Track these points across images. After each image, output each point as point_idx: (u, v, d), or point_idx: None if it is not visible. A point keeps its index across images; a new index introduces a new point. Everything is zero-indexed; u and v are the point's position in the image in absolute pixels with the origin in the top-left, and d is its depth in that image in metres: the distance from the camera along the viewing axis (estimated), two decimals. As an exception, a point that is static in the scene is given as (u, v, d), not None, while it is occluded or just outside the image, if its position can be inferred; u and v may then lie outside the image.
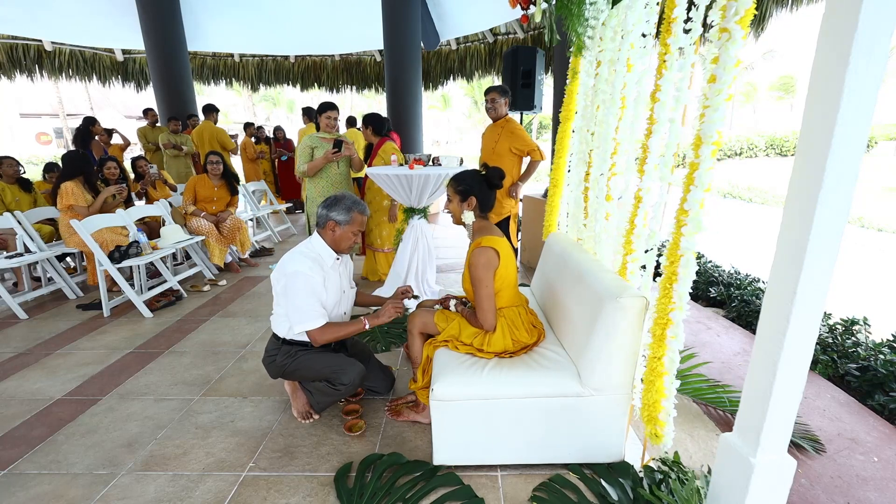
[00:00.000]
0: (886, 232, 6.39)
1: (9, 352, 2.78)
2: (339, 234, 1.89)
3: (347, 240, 1.91)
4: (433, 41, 7.88)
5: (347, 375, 1.89)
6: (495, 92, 3.37)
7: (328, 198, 1.92)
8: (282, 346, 1.95)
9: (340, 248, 1.93)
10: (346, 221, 1.87)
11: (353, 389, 1.92)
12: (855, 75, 0.89)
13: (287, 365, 1.93)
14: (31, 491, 1.65)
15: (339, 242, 1.90)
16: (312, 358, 1.93)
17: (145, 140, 6.14)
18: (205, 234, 4.06)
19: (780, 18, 4.73)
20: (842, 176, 0.95)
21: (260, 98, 24.34)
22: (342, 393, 1.92)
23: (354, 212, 1.89)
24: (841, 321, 2.67)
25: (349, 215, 1.87)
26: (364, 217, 1.94)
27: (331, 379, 1.91)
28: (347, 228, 1.88)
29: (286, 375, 1.99)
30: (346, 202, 1.89)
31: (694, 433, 1.89)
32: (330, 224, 1.88)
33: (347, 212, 1.87)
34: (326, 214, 1.88)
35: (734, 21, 1.12)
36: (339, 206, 1.87)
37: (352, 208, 1.88)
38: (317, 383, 1.96)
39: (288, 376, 2.00)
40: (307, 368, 1.93)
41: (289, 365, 1.93)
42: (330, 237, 1.90)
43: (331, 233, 1.89)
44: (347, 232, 1.89)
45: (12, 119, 22.33)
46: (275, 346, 1.97)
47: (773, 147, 16.96)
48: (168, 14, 6.23)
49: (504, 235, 1.82)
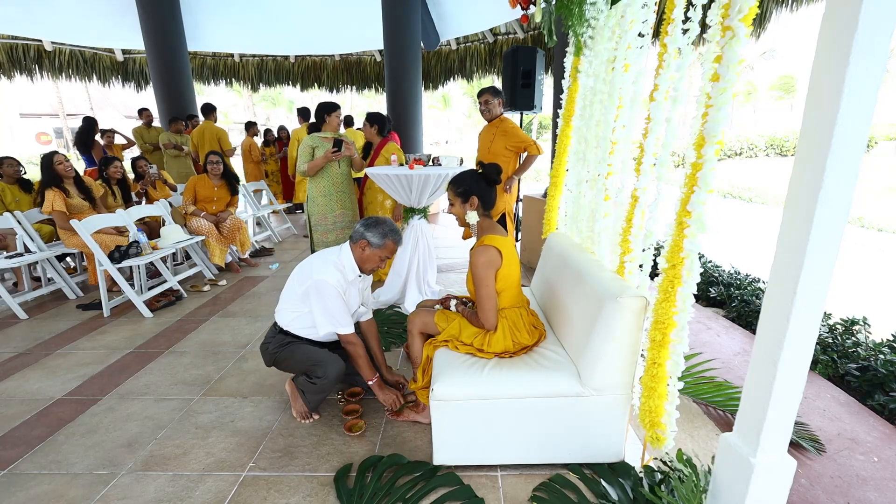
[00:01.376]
0: (886, 232, 6.39)
1: (9, 352, 2.78)
2: (367, 254, 1.93)
3: (373, 262, 1.96)
4: (433, 41, 7.88)
5: (324, 369, 1.93)
6: (488, 94, 3.39)
7: (370, 217, 1.97)
8: (277, 335, 2.02)
9: (364, 268, 1.99)
10: (379, 245, 1.92)
11: (330, 383, 1.95)
12: (855, 75, 0.89)
13: (278, 353, 2.00)
14: (31, 491, 1.65)
15: (364, 262, 1.96)
16: (297, 348, 1.98)
17: (142, 140, 6.15)
18: (205, 234, 4.06)
19: (780, 18, 4.73)
20: (842, 176, 0.95)
21: (260, 98, 24.33)
22: (319, 388, 1.95)
23: (389, 239, 1.93)
24: (841, 321, 2.66)
25: (383, 241, 1.92)
26: (397, 247, 1.99)
27: (308, 372, 1.96)
28: (377, 252, 1.93)
29: (276, 364, 2.05)
30: (385, 228, 1.93)
31: (694, 433, 1.89)
32: (362, 242, 1.92)
33: (383, 237, 1.92)
34: (363, 232, 1.92)
35: (737, 19, 1.12)
36: (377, 229, 1.92)
37: (387, 235, 1.93)
38: (299, 378, 2.02)
39: (278, 365, 2.06)
40: (291, 359, 1.99)
41: (279, 353, 2.00)
42: (359, 254, 1.95)
43: (360, 250, 1.94)
44: (376, 255, 1.94)
45: (12, 119, 22.32)
46: (272, 333, 2.05)
47: (773, 147, 16.95)
48: (168, 14, 6.23)
49: (507, 235, 1.82)
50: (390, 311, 3.21)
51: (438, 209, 7.40)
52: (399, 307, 3.27)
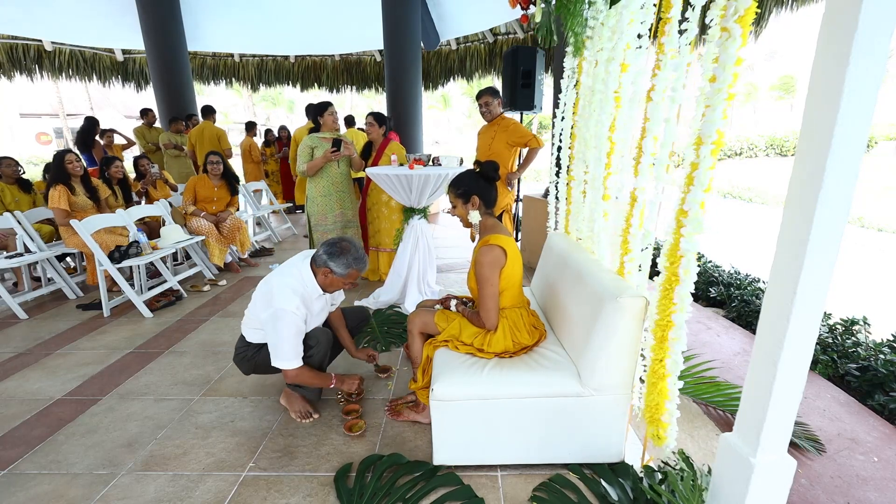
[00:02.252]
0: (886, 232, 6.39)
1: (9, 352, 2.78)
2: (330, 280, 1.91)
3: (336, 286, 1.95)
4: (433, 41, 7.87)
5: (315, 339, 1.95)
6: (487, 95, 3.40)
7: (334, 245, 1.89)
8: (249, 344, 2.02)
9: (328, 290, 1.97)
10: (342, 275, 1.89)
11: (323, 350, 1.97)
12: (855, 75, 0.89)
13: (256, 357, 1.99)
14: (31, 491, 1.65)
15: (328, 286, 1.94)
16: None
17: (143, 140, 6.16)
18: (205, 234, 4.06)
19: (780, 18, 4.73)
20: (842, 176, 0.95)
21: (260, 98, 24.31)
22: (314, 360, 1.96)
23: (352, 269, 1.90)
24: (841, 321, 2.67)
25: (346, 270, 1.88)
26: (360, 274, 1.96)
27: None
28: (340, 280, 1.91)
29: (257, 369, 2.03)
30: (348, 258, 1.88)
31: (694, 433, 1.89)
32: (325, 270, 1.89)
33: (346, 267, 1.88)
34: (325, 260, 1.87)
35: (733, 20, 1.12)
36: (341, 259, 1.87)
37: (351, 265, 1.89)
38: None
39: (259, 369, 2.03)
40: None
41: (258, 357, 1.98)
42: (322, 279, 1.92)
43: (323, 276, 1.91)
44: (339, 281, 1.92)
45: (12, 119, 22.32)
46: (244, 343, 2.03)
47: (773, 147, 16.95)
48: (168, 14, 6.22)
49: (510, 234, 1.82)
50: (390, 311, 3.21)
51: (438, 209, 7.40)
52: (399, 307, 3.27)
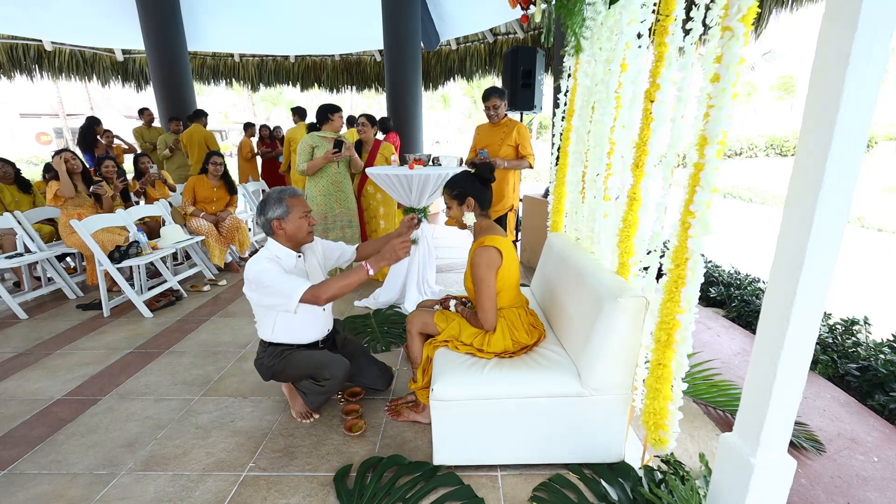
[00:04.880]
0: (886, 232, 6.38)
1: (9, 352, 2.78)
2: (289, 229, 1.82)
3: (301, 228, 1.84)
4: (433, 41, 7.87)
5: (330, 370, 1.90)
6: (496, 98, 3.38)
7: (258, 206, 1.85)
8: (268, 348, 1.97)
9: (300, 240, 1.88)
10: (286, 212, 1.80)
11: (337, 385, 1.93)
12: (855, 75, 0.89)
13: (275, 366, 1.95)
14: (31, 491, 1.65)
15: (295, 236, 1.85)
16: (297, 356, 1.94)
17: (142, 140, 6.16)
18: (204, 234, 4.06)
19: (780, 18, 4.73)
20: (842, 176, 0.95)
21: (260, 98, 24.32)
22: (327, 389, 1.94)
23: (286, 198, 1.81)
24: (841, 321, 2.66)
25: (283, 205, 1.80)
26: (298, 197, 1.86)
27: (314, 375, 1.93)
28: (293, 216, 1.81)
29: (276, 377, 2.01)
30: (273, 196, 1.82)
31: (694, 433, 1.89)
32: (274, 224, 1.81)
33: (279, 203, 1.80)
34: (266, 220, 1.82)
35: (737, 19, 1.12)
36: (269, 203, 1.81)
37: (281, 198, 1.81)
38: (304, 382, 1.99)
39: (278, 377, 2.01)
40: (292, 367, 1.95)
41: (276, 365, 1.95)
42: (283, 236, 1.84)
43: (281, 231, 1.83)
44: (295, 220, 1.82)
45: (12, 119, 22.33)
46: (262, 348, 2.00)
47: (773, 147, 16.95)
48: (168, 14, 6.22)
49: (506, 235, 1.82)
50: (390, 311, 3.21)
51: (439, 209, 7.40)
52: (399, 307, 3.27)
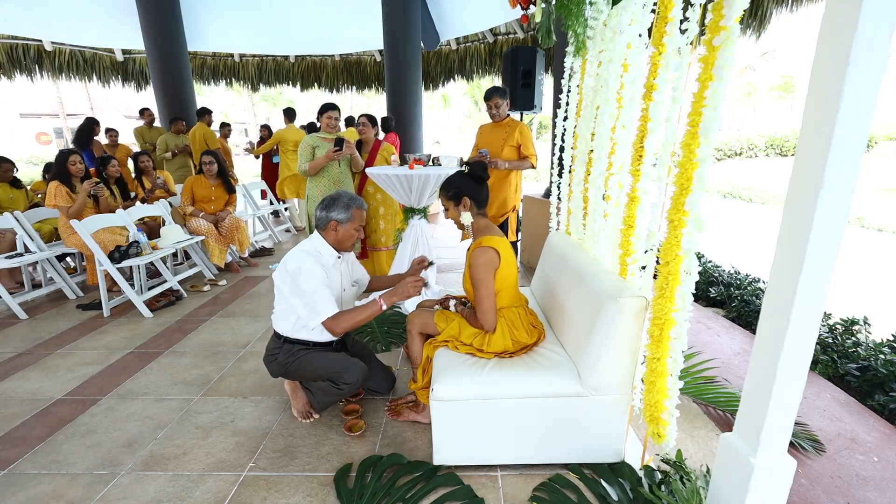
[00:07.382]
0: (886, 232, 6.38)
1: (9, 352, 2.78)
2: (341, 234, 1.91)
3: (350, 237, 1.93)
4: (433, 41, 7.87)
5: (351, 375, 1.89)
6: (498, 97, 3.37)
7: (325, 199, 1.93)
8: (283, 345, 1.95)
9: (344, 247, 1.95)
10: (348, 219, 1.89)
11: (355, 388, 1.93)
12: (855, 75, 0.89)
13: (289, 364, 1.94)
14: (31, 491, 1.65)
15: (342, 241, 1.92)
16: (314, 357, 1.93)
17: (142, 140, 6.15)
18: (204, 234, 4.06)
19: (780, 18, 4.73)
20: (842, 176, 0.95)
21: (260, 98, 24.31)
22: (344, 392, 1.93)
23: (353, 208, 1.90)
24: (841, 321, 2.66)
25: (349, 212, 1.89)
26: (363, 212, 1.95)
27: (334, 378, 1.91)
28: (349, 226, 1.90)
29: (287, 375, 1.99)
30: (344, 199, 1.90)
31: (694, 433, 1.89)
32: (331, 224, 1.89)
33: (346, 209, 1.89)
34: (326, 216, 1.89)
35: (732, 20, 1.12)
36: (338, 205, 1.89)
37: (350, 205, 1.90)
38: (319, 383, 1.97)
39: (289, 375, 2.00)
40: (309, 368, 1.93)
41: (290, 364, 1.93)
42: (333, 237, 1.92)
43: (333, 233, 1.91)
44: (350, 229, 1.91)
45: (12, 119, 22.33)
46: (276, 344, 1.97)
47: (773, 147, 16.94)
48: (168, 14, 6.22)
49: (504, 235, 1.82)
50: (390, 311, 3.21)
51: (439, 209, 7.40)
52: (399, 307, 3.27)
